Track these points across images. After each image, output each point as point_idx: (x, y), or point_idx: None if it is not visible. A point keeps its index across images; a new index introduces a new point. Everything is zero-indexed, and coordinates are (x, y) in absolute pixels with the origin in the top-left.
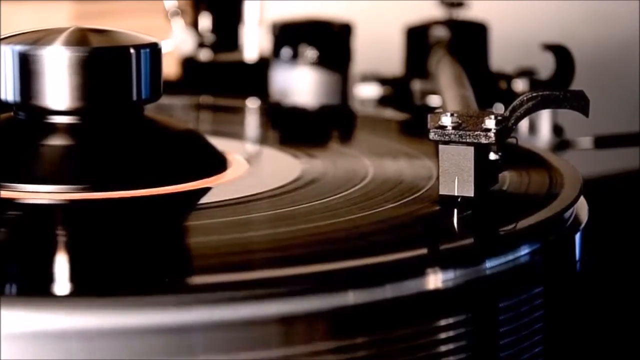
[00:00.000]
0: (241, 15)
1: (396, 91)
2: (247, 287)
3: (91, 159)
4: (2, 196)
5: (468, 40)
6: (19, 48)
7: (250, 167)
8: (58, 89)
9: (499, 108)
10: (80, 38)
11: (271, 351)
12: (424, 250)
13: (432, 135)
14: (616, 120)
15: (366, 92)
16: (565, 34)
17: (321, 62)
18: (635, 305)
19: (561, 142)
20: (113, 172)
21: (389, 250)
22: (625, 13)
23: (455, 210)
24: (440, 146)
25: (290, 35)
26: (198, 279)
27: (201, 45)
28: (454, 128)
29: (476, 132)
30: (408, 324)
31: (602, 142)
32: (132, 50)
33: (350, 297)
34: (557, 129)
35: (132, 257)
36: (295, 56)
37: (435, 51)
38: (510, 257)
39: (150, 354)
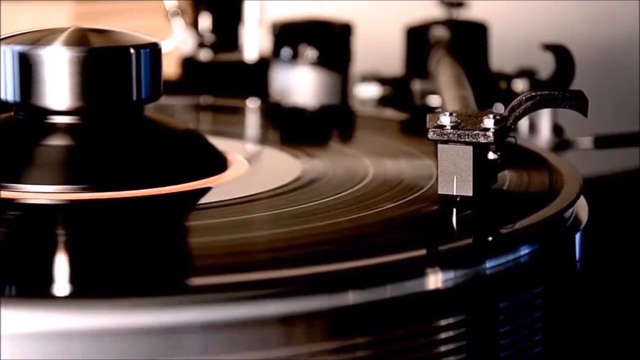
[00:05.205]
0: (241, 15)
1: (396, 91)
2: (247, 288)
3: (91, 159)
4: (2, 196)
5: (468, 40)
6: (19, 48)
7: (251, 167)
8: (58, 89)
9: (499, 108)
10: (80, 38)
11: (272, 352)
12: (423, 250)
13: (431, 135)
14: (616, 120)
15: (366, 92)
16: (565, 34)
17: (321, 62)
18: (635, 305)
19: (561, 142)
20: (113, 172)
21: (389, 250)
22: (625, 13)
23: (455, 210)
24: (439, 146)
25: (290, 35)
26: (198, 280)
27: (201, 45)
28: (452, 127)
29: (475, 132)
30: (408, 324)
31: (602, 142)
32: (132, 50)
33: (350, 297)
34: (557, 129)
35: (132, 257)
36: (295, 56)
37: (435, 51)
38: (510, 257)
39: (150, 355)
